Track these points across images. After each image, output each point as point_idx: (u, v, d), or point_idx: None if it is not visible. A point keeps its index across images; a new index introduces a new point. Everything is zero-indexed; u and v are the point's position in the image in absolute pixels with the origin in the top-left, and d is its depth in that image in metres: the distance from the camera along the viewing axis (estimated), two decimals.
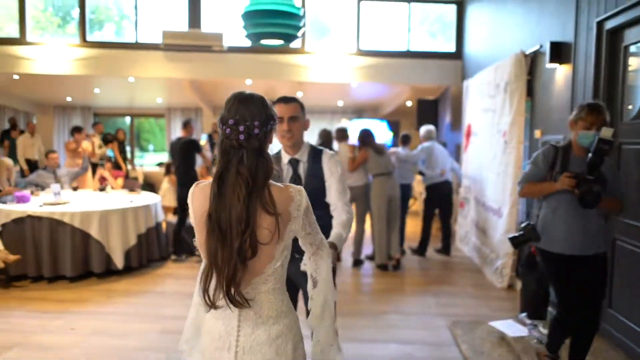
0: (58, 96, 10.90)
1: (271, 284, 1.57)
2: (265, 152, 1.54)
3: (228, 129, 1.50)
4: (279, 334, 1.57)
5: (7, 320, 4.18)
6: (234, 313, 1.55)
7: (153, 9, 8.32)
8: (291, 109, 2.44)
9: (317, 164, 2.53)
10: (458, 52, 8.22)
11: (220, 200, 1.48)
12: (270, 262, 1.54)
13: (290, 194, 1.55)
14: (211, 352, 1.59)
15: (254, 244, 1.47)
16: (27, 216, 5.13)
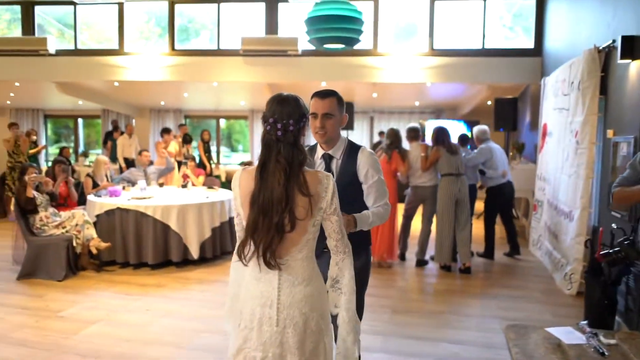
0: (153, 100, 11.89)
1: (305, 253, 1.87)
2: (299, 144, 1.84)
3: (268, 126, 1.81)
4: (312, 293, 1.87)
5: (95, 299, 4.74)
6: (275, 276, 1.84)
7: (233, 17, 8.83)
8: (326, 106, 2.33)
9: (352, 162, 2.45)
10: (537, 49, 7.88)
11: (263, 184, 1.80)
12: (304, 234, 1.84)
13: (319, 177, 1.85)
14: (253, 308, 1.86)
15: (292, 219, 1.79)
16: (117, 208, 5.73)
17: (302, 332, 1.84)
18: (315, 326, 1.87)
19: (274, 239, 1.79)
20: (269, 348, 1.84)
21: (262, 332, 1.85)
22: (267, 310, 1.84)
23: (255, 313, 1.86)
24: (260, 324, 1.85)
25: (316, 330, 1.88)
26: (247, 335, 1.88)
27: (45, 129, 13.46)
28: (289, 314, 1.83)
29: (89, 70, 8.94)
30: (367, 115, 12.46)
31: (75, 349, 3.63)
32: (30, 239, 5.37)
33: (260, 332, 1.85)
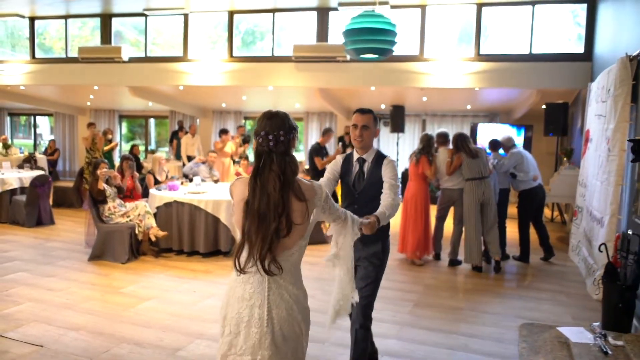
0: (215, 103, 12.71)
1: (295, 257, 2.00)
2: (290, 154, 1.99)
3: (260, 139, 1.96)
4: (298, 295, 2.02)
5: (151, 280, 5.39)
6: (264, 277, 1.94)
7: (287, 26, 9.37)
8: (365, 119, 3.03)
9: (379, 166, 3.05)
10: (587, 54, 7.80)
11: (258, 191, 1.91)
12: (299, 240, 1.98)
13: (314, 188, 2.03)
14: (241, 311, 1.95)
15: (289, 224, 1.91)
16: (174, 201, 6.39)
17: (289, 333, 1.95)
18: (298, 328, 1.99)
19: (272, 245, 1.88)
20: (257, 350, 1.91)
21: (250, 334, 1.92)
22: (257, 311, 1.92)
23: (242, 315, 1.93)
24: (248, 326, 1.92)
25: (299, 332, 2.00)
26: (232, 341, 1.96)
27: (120, 127, 14.69)
28: (277, 314, 1.93)
29: (158, 75, 9.81)
30: (419, 118, 12.62)
31: (131, 319, 4.24)
32: (100, 226, 6.13)
33: (248, 335, 1.92)
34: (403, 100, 11.14)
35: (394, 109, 10.89)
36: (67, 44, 10.78)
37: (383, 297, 4.43)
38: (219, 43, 10.02)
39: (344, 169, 3.15)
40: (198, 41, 9.95)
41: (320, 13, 8.96)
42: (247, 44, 9.91)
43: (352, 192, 3.10)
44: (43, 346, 3.67)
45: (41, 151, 14.41)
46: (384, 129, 12.87)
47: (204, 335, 3.96)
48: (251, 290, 1.95)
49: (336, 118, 12.72)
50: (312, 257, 6.42)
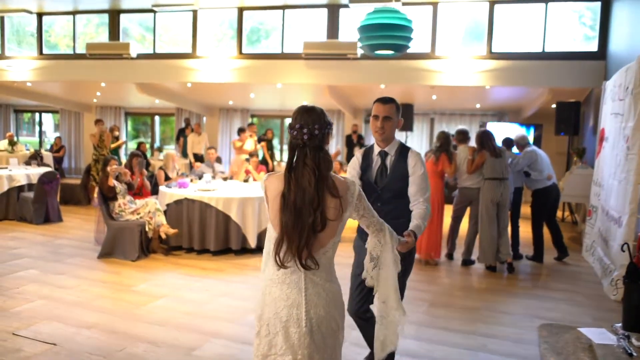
0: (222, 100, 12.65)
1: (329, 254, 1.97)
2: (324, 149, 1.95)
3: (295, 132, 1.93)
4: (333, 292, 1.98)
5: (162, 278, 5.33)
6: (300, 277, 1.91)
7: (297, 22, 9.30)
8: (387, 110, 2.81)
9: (403, 159, 2.87)
10: (601, 52, 7.72)
11: (293, 185, 1.89)
12: (333, 237, 1.94)
13: (347, 184, 1.97)
14: (278, 311, 1.92)
15: (324, 219, 1.88)
16: (185, 199, 6.33)
17: (327, 330, 1.94)
18: (335, 324, 1.97)
19: (309, 239, 1.87)
20: (297, 350, 1.89)
21: (289, 334, 1.90)
22: (295, 311, 1.90)
23: (281, 315, 1.91)
24: (286, 326, 1.90)
25: (335, 328, 1.98)
26: (272, 340, 1.94)
27: (125, 125, 14.65)
28: (315, 313, 1.91)
29: (165, 72, 9.76)
30: (427, 116, 12.54)
31: (143, 318, 4.18)
32: (110, 223, 6.08)
33: (287, 335, 1.90)
34: (412, 98, 11.06)
35: (403, 108, 10.78)
36: (74, 40, 10.74)
37: None
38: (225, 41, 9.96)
39: (364, 164, 2.93)
40: (207, 38, 9.89)
41: (331, 10, 8.89)
42: (252, 42, 9.83)
43: (374, 188, 2.86)
44: (57, 344, 3.61)
45: (46, 148, 14.38)
46: None
47: (219, 335, 3.90)
48: (288, 290, 1.93)
49: (344, 116, 12.65)
50: None
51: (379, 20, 4.92)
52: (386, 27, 4.90)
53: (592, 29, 7.92)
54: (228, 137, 13.55)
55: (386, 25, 4.90)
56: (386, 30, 4.92)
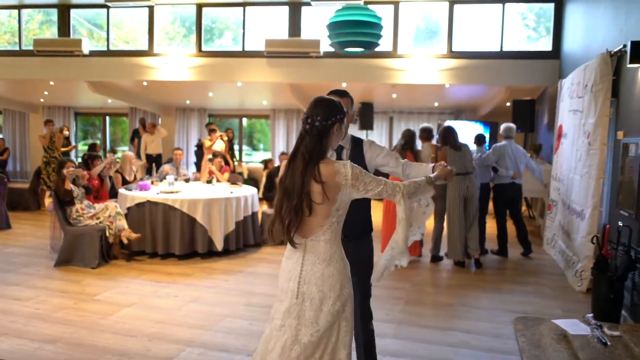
0: (179, 99, 12.29)
1: (328, 235, 2.09)
2: (324, 139, 2.08)
3: (302, 121, 2.12)
4: (332, 274, 2.09)
5: (127, 285, 5.07)
6: (300, 255, 2.10)
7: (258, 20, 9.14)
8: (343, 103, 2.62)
9: (359, 150, 2.79)
10: (555, 51, 8.00)
11: (289, 171, 2.10)
12: (328, 217, 2.07)
13: (335, 168, 2.05)
14: (283, 282, 2.16)
15: (309, 203, 2.04)
16: (147, 201, 6.07)
17: (317, 309, 2.06)
18: (332, 307, 2.06)
19: (292, 220, 2.05)
20: (286, 318, 2.09)
21: (285, 303, 2.12)
22: (291, 284, 2.10)
23: (283, 286, 2.15)
24: (285, 296, 2.12)
25: (333, 312, 2.07)
26: (277, 306, 2.17)
27: (75, 126, 13.99)
28: (307, 289, 2.07)
29: (120, 70, 9.35)
30: (386, 115, 12.64)
31: (112, 328, 3.95)
32: (67, 229, 5.74)
33: (283, 303, 2.13)
34: (372, 97, 11.11)
35: (363, 106, 10.85)
36: (20, 36, 10.11)
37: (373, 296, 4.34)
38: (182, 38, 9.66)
39: None
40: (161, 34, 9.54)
41: (292, 7, 8.78)
42: (205, 40, 9.55)
43: None
44: None
45: None
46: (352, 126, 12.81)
47: (194, 343, 3.73)
48: (291, 265, 2.14)
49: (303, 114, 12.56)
50: None
51: (350, 17, 4.87)
52: (357, 24, 4.86)
53: (547, 29, 8.18)
54: (185, 138, 13.20)
55: (357, 22, 4.85)
56: (357, 28, 4.87)
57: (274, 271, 5.69)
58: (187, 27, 9.76)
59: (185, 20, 9.69)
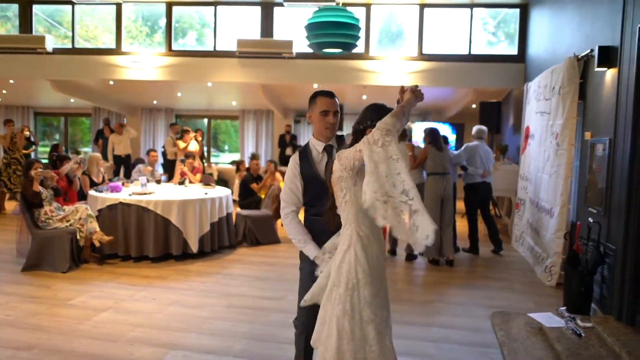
0: (146, 99, 12.04)
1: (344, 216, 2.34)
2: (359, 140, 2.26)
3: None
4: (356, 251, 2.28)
5: (101, 289, 4.94)
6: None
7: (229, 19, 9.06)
8: (335, 104, 2.64)
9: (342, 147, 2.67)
10: (521, 55, 8.27)
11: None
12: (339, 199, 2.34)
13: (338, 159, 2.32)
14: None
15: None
16: (119, 203, 5.93)
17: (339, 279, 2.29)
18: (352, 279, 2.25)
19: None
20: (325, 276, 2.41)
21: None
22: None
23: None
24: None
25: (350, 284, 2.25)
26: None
27: (35, 126, 13.49)
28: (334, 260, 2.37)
29: (86, 68, 9.08)
30: (356, 116, 12.74)
31: (89, 333, 3.84)
32: (35, 232, 5.54)
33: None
34: (342, 98, 11.13)
35: None
36: None
37: None
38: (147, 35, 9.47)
39: (305, 166, 2.65)
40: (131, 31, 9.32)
41: (265, 8, 8.75)
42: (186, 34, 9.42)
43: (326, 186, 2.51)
44: None
45: None
46: None
47: (177, 346, 3.67)
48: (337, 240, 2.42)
49: (273, 116, 12.53)
50: (269, 258, 6.28)
51: (328, 18, 4.91)
52: (334, 25, 4.90)
53: (511, 34, 8.46)
54: (151, 138, 12.94)
55: (336, 23, 4.89)
56: (334, 29, 4.91)
57: (250, 272, 5.66)
58: (149, 25, 9.57)
59: (148, 19, 9.49)
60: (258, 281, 5.35)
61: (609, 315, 4.01)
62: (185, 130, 8.69)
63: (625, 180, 3.84)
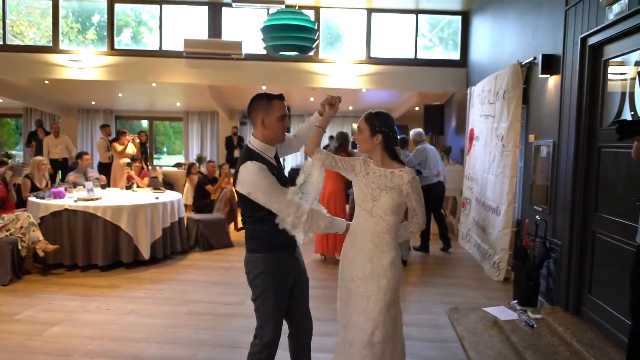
0: (84, 99, 11.47)
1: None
2: None
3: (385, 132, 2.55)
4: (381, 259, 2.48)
5: (49, 302, 4.68)
6: None
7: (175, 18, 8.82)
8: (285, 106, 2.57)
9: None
10: (463, 60, 8.63)
11: None
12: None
13: None
14: None
15: None
16: (64, 209, 5.63)
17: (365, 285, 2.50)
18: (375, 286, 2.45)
19: None
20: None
21: None
22: None
23: None
24: None
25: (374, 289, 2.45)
26: None
27: None
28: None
29: (19, 67, 8.53)
30: (302, 118, 12.80)
31: (43, 349, 3.63)
32: None
33: None
34: (289, 100, 11.20)
35: None
36: None
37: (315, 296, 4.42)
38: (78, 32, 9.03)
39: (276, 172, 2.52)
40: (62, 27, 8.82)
41: (213, 8, 8.59)
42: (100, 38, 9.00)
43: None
44: None
45: None
46: None
47: (138, 357, 3.55)
48: None
49: (218, 117, 12.34)
50: (224, 262, 6.18)
51: (286, 21, 4.91)
52: (291, 28, 4.90)
53: (456, 40, 8.81)
54: (89, 141, 12.36)
55: (291, 26, 4.90)
56: (291, 32, 4.92)
57: (206, 277, 5.56)
58: (81, 22, 9.13)
59: (79, 16, 9.05)
60: (215, 286, 5.26)
61: (557, 307, 4.29)
62: (122, 132, 8.32)
63: (570, 180, 4.12)
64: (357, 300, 2.48)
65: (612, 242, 3.66)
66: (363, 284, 2.45)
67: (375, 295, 2.42)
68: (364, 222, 2.48)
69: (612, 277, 3.65)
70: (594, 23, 3.82)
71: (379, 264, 2.43)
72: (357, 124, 2.56)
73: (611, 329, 3.61)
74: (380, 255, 2.44)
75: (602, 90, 3.84)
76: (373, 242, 2.44)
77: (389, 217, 2.43)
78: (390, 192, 2.43)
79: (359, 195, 2.52)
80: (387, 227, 2.44)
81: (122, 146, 8.04)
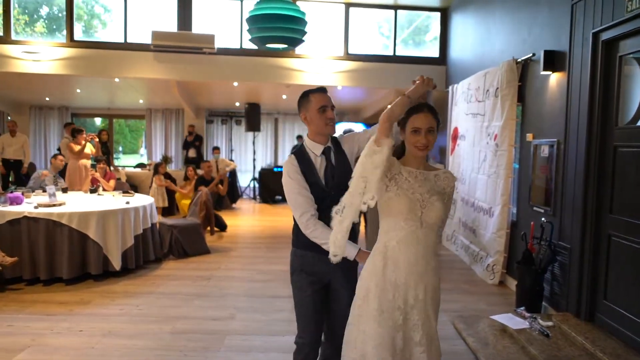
0: (37, 96, 10.65)
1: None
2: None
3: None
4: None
5: (10, 323, 4.12)
6: None
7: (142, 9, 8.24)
8: (330, 99, 2.47)
9: (339, 148, 2.51)
10: (442, 58, 8.48)
11: None
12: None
13: None
14: None
15: None
16: (24, 217, 5.05)
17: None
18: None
19: None
20: None
21: None
22: None
23: None
24: None
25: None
26: None
27: None
28: None
29: None
30: (272, 116, 12.42)
31: None
32: None
33: None
34: (259, 98, 10.80)
35: (249, 107, 10.50)
36: None
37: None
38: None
39: (305, 169, 2.42)
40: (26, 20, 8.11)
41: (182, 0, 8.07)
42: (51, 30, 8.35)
43: (327, 192, 2.41)
44: None
45: None
46: (237, 127, 12.35)
47: None
48: None
49: (184, 115, 11.76)
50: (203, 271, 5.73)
51: (272, 10, 4.53)
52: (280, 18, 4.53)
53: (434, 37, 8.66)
54: (43, 140, 11.52)
55: (280, 16, 4.53)
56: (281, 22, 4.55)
57: (186, 289, 5.11)
58: (28, 14, 8.41)
59: (25, 7, 8.33)
60: (198, 299, 4.83)
61: (567, 313, 4.12)
62: (78, 131, 7.66)
63: (581, 181, 3.96)
64: (410, 332, 2.08)
65: (631, 245, 3.51)
66: (415, 311, 2.07)
67: (429, 323, 2.09)
68: (410, 236, 2.08)
69: (631, 282, 3.50)
70: (609, 17, 3.66)
71: (431, 284, 2.11)
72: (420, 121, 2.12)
73: (632, 335, 3.45)
74: (431, 273, 2.11)
75: (618, 87, 3.68)
76: (425, 259, 2.10)
77: (439, 227, 2.12)
78: (439, 197, 2.10)
79: (401, 204, 2.08)
80: (436, 239, 2.13)
81: (79, 146, 7.38)
